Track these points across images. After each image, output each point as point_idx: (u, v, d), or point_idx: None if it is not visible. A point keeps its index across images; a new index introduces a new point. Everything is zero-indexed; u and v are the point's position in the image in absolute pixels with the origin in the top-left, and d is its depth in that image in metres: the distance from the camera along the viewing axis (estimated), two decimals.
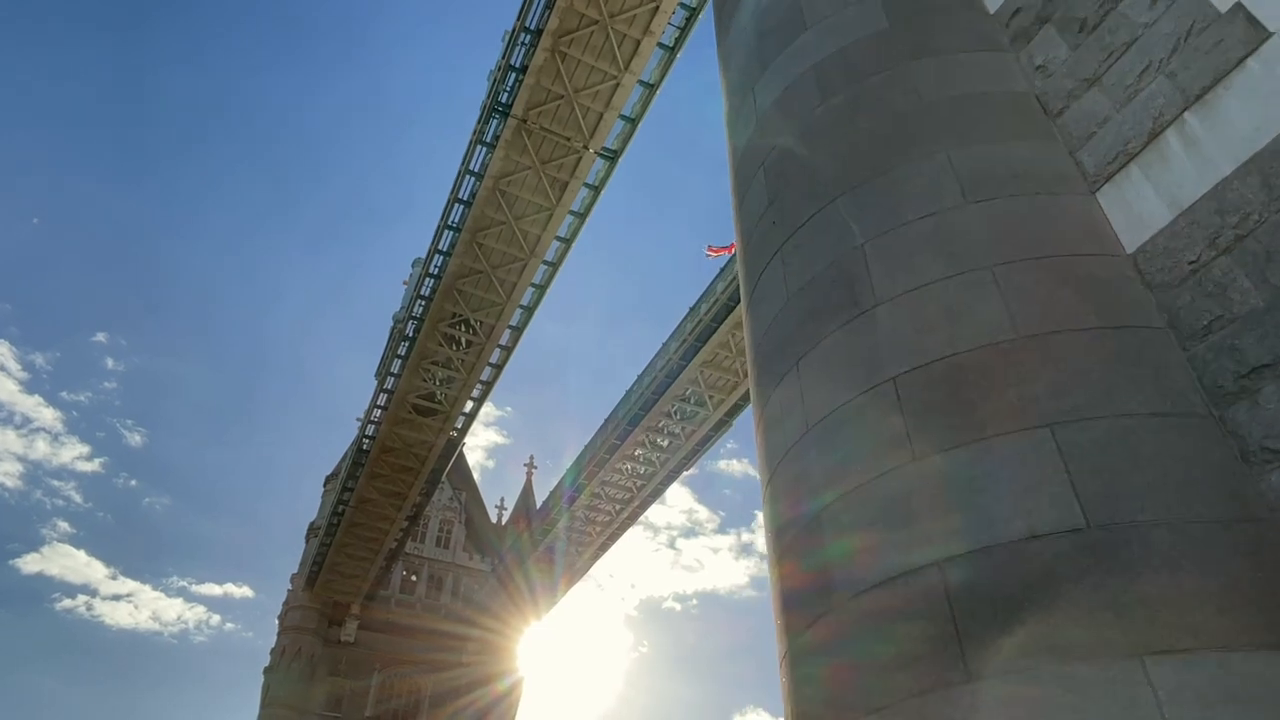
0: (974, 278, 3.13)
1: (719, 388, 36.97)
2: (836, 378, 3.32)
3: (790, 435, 3.49)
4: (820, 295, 3.63)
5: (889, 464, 2.93)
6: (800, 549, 3.17)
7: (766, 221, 4.26)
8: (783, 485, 3.46)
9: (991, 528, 2.59)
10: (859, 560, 2.86)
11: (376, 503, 44.29)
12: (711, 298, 33.34)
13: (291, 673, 48.82)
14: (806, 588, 3.07)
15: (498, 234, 30.48)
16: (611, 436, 40.42)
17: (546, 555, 53.82)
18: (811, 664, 2.90)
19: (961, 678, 2.39)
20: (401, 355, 35.59)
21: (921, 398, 2.99)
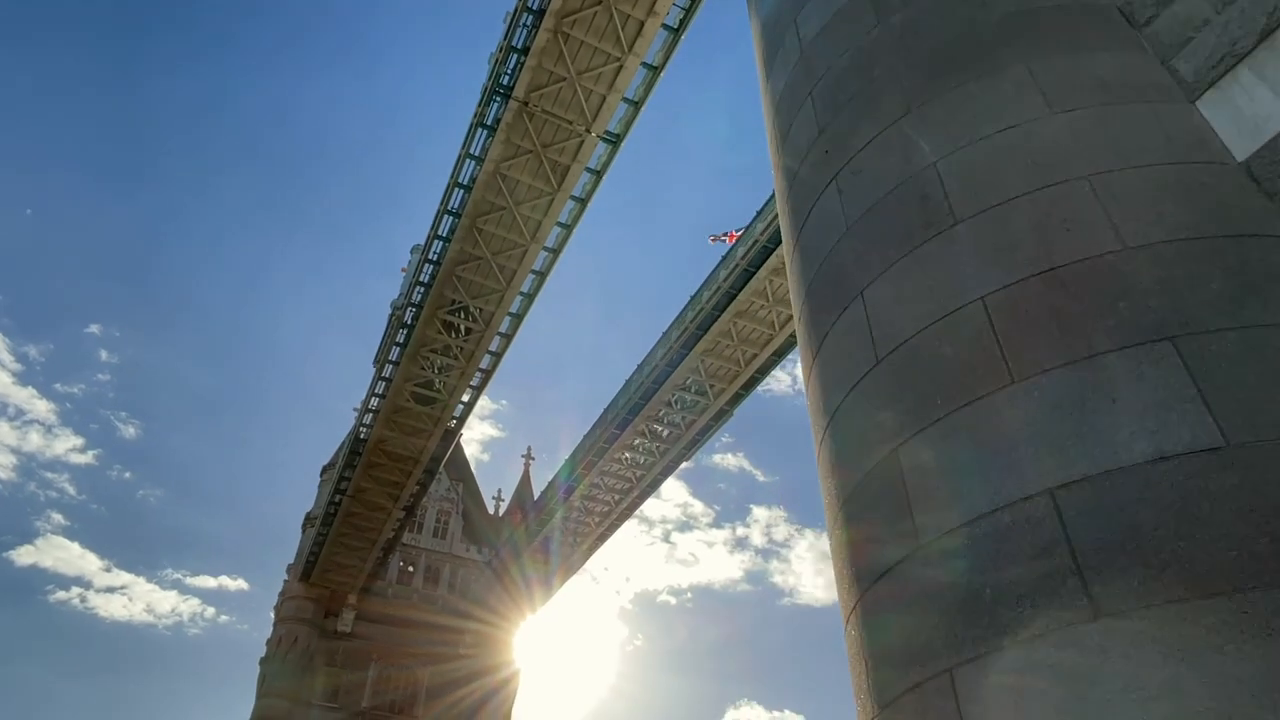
0: (1068, 188, 2.83)
1: (720, 377, 36.71)
2: (912, 304, 3.02)
3: (855, 371, 3.19)
4: (887, 220, 3.33)
5: (980, 390, 2.63)
6: (872, 491, 2.87)
7: (817, 152, 3.95)
8: (847, 424, 3.16)
9: (1111, 450, 2.30)
10: (948, 496, 2.56)
11: (373, 493, 43.98)
12: (714, 285, 33.05)
13: (288, 663, 48.56)
14: (882, 532, 2.77)
15: (498, 219, 30.13)
16: (611, 426, 40.14)
17: (543, 547, 53.62)
18: (891, 612, 2.61)
19: (1085, 614, 2.10)
20: (400, 343, 35.23)
21: (1017, 316, 2.69)
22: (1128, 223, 2.70)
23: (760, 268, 31.30)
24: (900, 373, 2.98)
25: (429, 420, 39.03)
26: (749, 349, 35.03)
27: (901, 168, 3.40)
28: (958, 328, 2.85)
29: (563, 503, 47.23)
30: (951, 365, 2.81)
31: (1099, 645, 2.06)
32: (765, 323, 33.83)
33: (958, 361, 2.79)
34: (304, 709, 47.83)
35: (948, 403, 2.74)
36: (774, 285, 32.20)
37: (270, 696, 47.47)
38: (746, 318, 33.72)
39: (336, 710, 48.72)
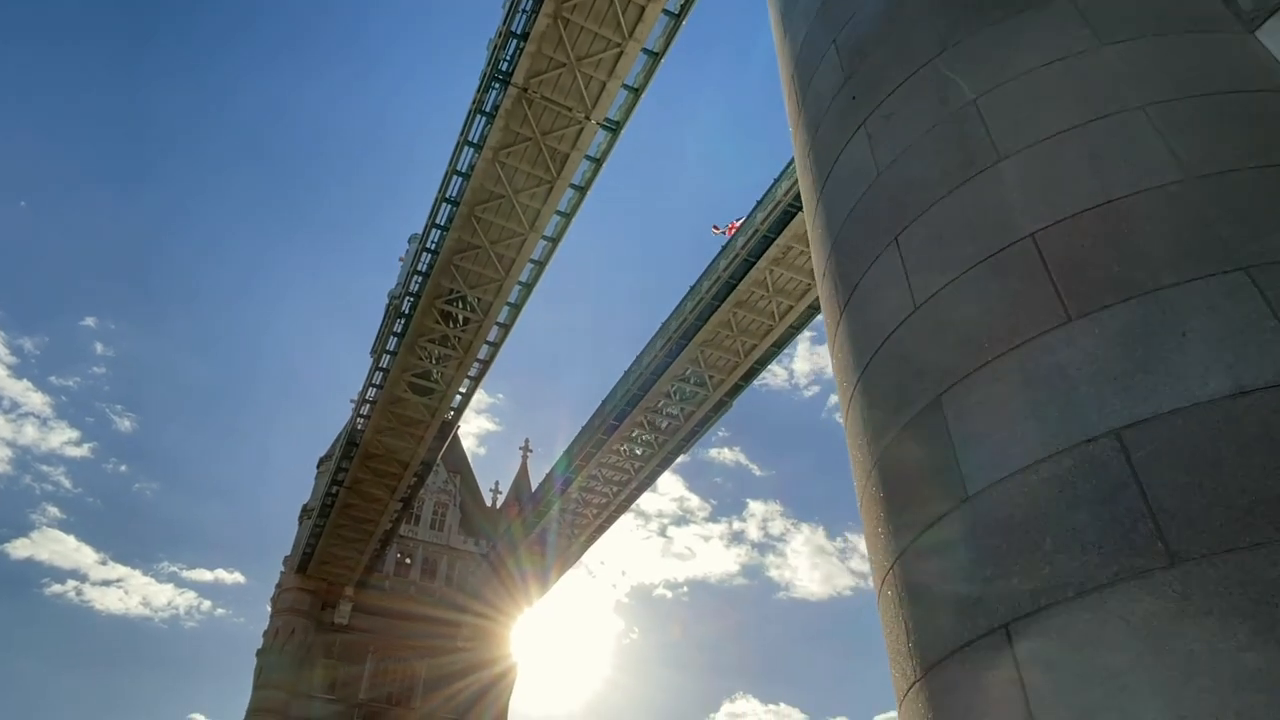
0: (1123, 118, 2.65)
1: (719, 368, 36.54)
2: (954, 245, 2.84)
3: (889, 320, 3.01)
4: (923, 161, 3.14)
5: (1034, 330, 2.45)
6: (912, 443, 2.69)
7: (843, 98, 3.76)
8: (882, 376, 2.98)
9: (1183, 387, 2.12)
10: (1000, 443, 2.38)
11: (370, 485, 43.78)
12: (713, 275, 32.86)
13: (285, 655, 48.40)
14: (924, 485, 2.59)
15: (496, 208, 29.89)
16: (609, 418, 39.96)
17: (540, 540, 53.49)
18: (936, 569, 2.43)
19: (1161, 560, 1.92)
20: (398, 333, 35.00)
21: (1072, 251, 2.51)
22: (1191, 152, 2.52)
23: (760, 258, 31.11)
24: (943, 317, 2.80)
25: (426, 411, 38.81)
26: (748, 340, 34.86)
27: (937, 108, 3.21)
28: (1006, 267, 2.67)
29: (560, 495, 47.08)
30: (1000, 306, 2.63)
31: (1178, 592, 1.88)
32: (765, 313, 33.65)
33: (1007, 301, 2.61)
34: (301, 701, 47.70)
35: (996, 345, 2.56)
36: (774, 275, 32.03)
37: (267, 688, 47.32)
38: (746, 308, 33.55)
39: (334, 702, 48.59)
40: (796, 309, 33.08)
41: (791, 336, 35.07)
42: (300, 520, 55.29)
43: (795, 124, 4.70)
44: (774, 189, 30.07)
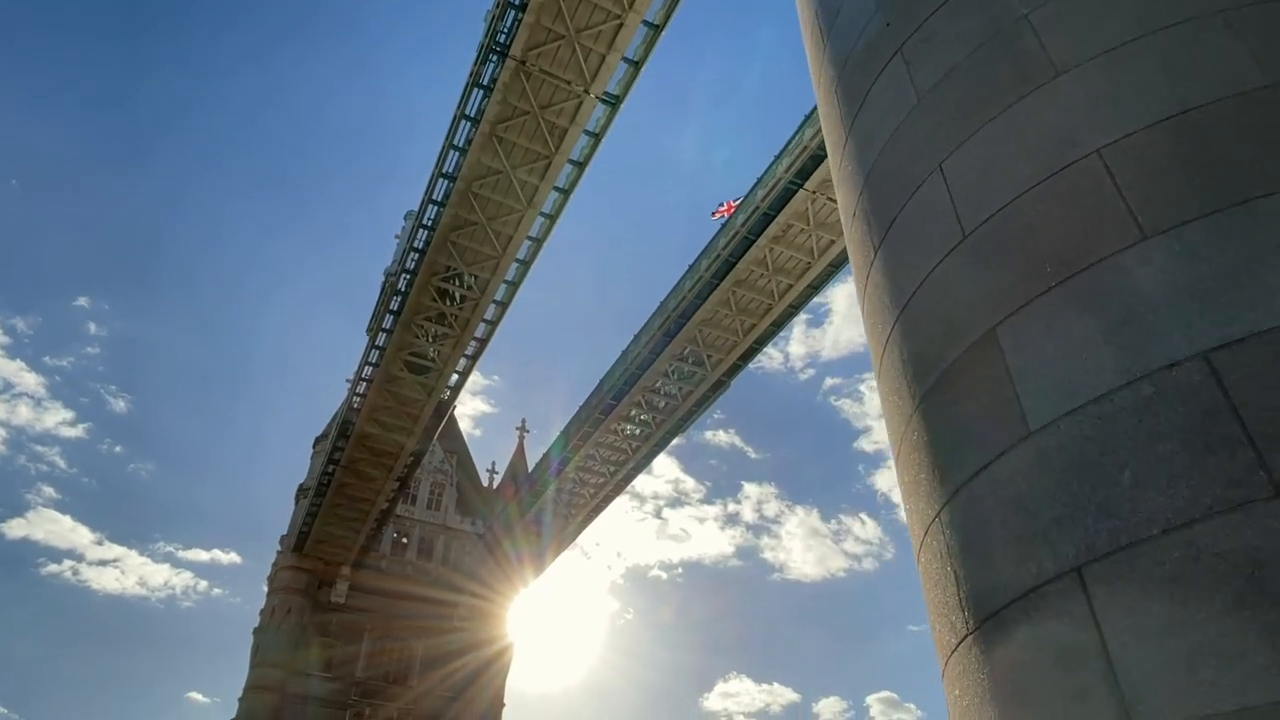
0: (1196, 24, 2.42)
1: (718, 347, 36.37)
2: (1007, 167, 2.61)
3: (934, 253, 2.79)
4: (969, 82, 2.90)
5: (1104, 250, 2.23)
6: (962, 380, 2.47)
7: (876, 27, 3.51)
8: (925, 313, 2.76)
9: None
10: (1067, 373, 2.17)
11: (366, 464, 43.62)
12: (712, 254, 32.59)
13: (281, 633, 48.42)
14: (977, 425, 2.39)
15: (494, 184, 29.53)
16: (607, 397, 39.80)
17: (536, 521, 53.50)
18: (993, 513, 2.23)
19: (1262, 491, 1.72)
20: (394, 310, 34.69)
21: (1144, 166, 2.28)
22: (1274, 56, 2.28)
23: (760, 235, 30.85)
24: (996, 244, 2.57)
25: (423, 390, 38.58)
26: (747, 319, 34.65)
27: (984, 25, 2.97)
28: (1068, 185, 2.44)
29: (556, 476, 47.00)
30: (1063, 227, 2.40)
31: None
32: (764, 292, 33.43)
33: (1071, 222, 2.39)
34: (299, 679, 47.78)
35: (1061, 269, 2.34)
36: (774, 254, 31.78)
37: (264, 666, 47.38)
38: (745, 287, 33.32)
39: (331, 680, 48.70)
40: (796, 288, 32.86)
41: (790, 316, 34.87)
42: (296, 500, 55.18)
43: (818, 63, 4.45)
44: (774, 166, 29.75)
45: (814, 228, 30.22)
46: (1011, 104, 2.72)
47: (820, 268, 31.88)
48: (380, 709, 49.13)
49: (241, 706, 46.52)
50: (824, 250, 31.22)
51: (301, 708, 46.99)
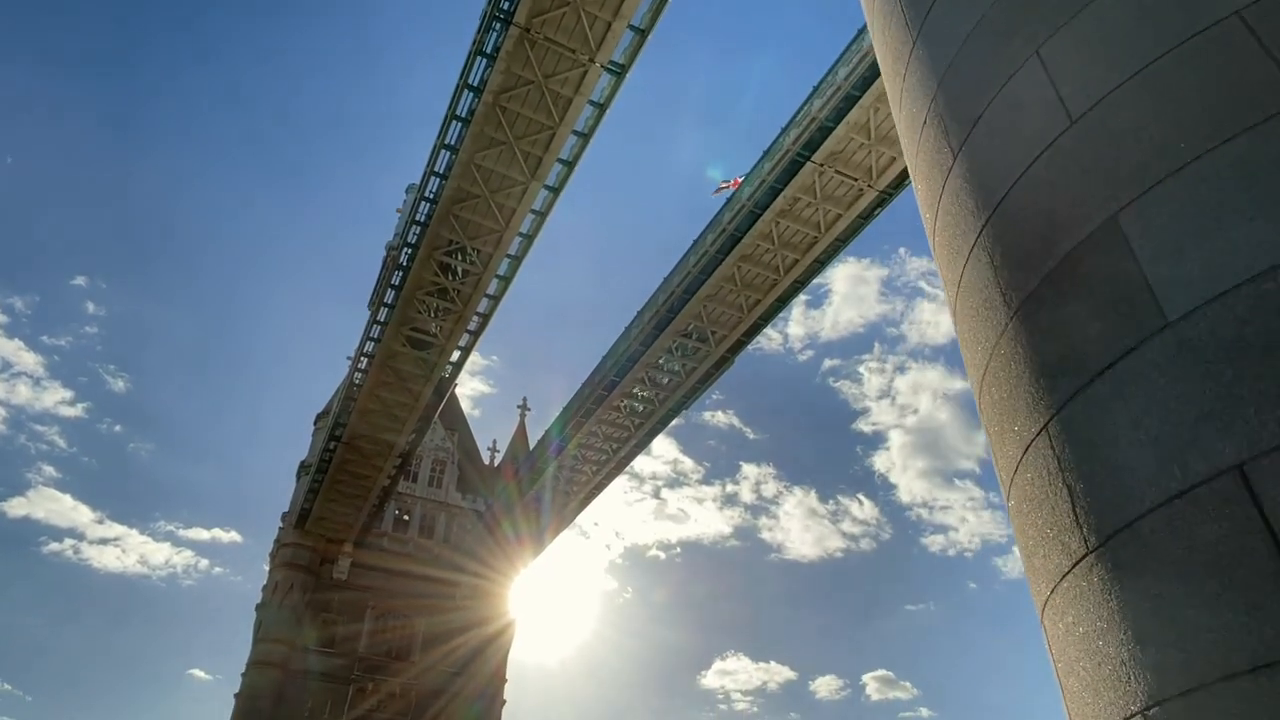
0: None
1: (722, 323, 36.08)
2: (1123, 43, 2.33)
3: (1032, 146, 2.52)
4: None
5: (1254, 116, 1.96)
6: (1076, 275, 2.22)
7: None
8: (1023, 213, 2.50)
9: None
10: (1216, 252, 1.92)
11: (368, 440, 43.45)
12: (718, 228, 32.24)
13: (284, 610, 48.48)
14: (1099, 318, 2.15)
15: (497, 155, 29.09)
16: (610, 373, 39.57)
17: (536, 499, 53.46)
18: (1123, 413, 1.98)
19: None
20: (395, 285, 34.35)
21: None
22: None
23: (766, 210, 30.47)
24: (1114, 125, 2.31)
25: (424, 366, 38.32)
26: (752, 294, 34.34)
27: None
28: (1203, 55, 2.17)
29: (558, 454, 46.89)
30: (1199, 98, 2.13)
31: None
32: (770, 267, 33.10)
33: (1209, 91, 2.12)
34: (301, 654, 47.90)
35: (1198, 142, 2.07)
36: (780, 228, 31.41)
37: (267, 642, 47.47)
38: (750, 262, 32.98)
39: (334, 656, 48.83)
40: (802, 263, 32.52)
41: (796, 292, 34.56)
42: (298, 477, 55.10)
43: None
44: (781, 139, 29.32)
45: (821, 201, 29.84)
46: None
47: (826, 243, 31.53)
48: (383, 684, 49.31)
49: (245, 682, 46.67)
50: (830, 224, 30.86)
51: (304, 683, 47.14)
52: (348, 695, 48.02)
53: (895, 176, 29.09)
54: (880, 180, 29.04)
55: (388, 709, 48.93)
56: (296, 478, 55.72)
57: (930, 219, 3.36)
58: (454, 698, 51.04)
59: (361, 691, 48.57)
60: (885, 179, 29.03)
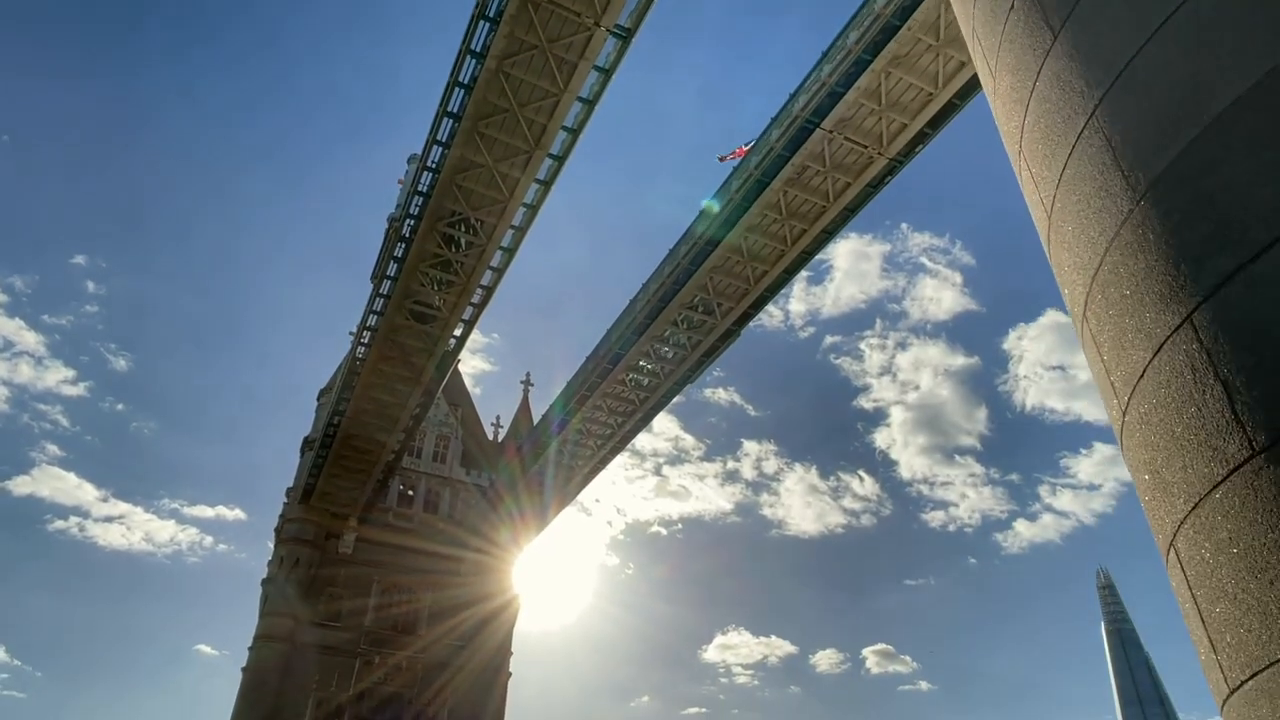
0: None
1: (728, 295, 35.70)
2: None
3: (1160, 9, 2.18)
4: None
5: None
6: (1237, 132, 1.91)
7: None
8: (1160, 73, 2.18)
9: None
10: None
11: (372, 414, 43.28)
12: (725, 197, 31.76)
13: (290, 584, 48.58)
14: (1267, 184, 1.81)
15: (500, 123, 28.58)
16: (615, 347, 39.26)
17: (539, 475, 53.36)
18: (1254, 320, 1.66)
19: None
20: (398, 258, 33.96)
21: None
22: None
23: (775, 178, 29.98)
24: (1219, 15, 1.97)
25: (428, 339, 38.03)
26: (759, 265, 33.93)
27: None
28: None
29: (561, 430, 46.68)
30: None
31: None
32: (777, 238, 32.66)
33: None
34: (308, 628, 48.06)
35: None
36: (788, 198, 30.95)
37: (274, 616, 47.63)
38: (758, 232, 32.54)
39: (340, 630, 49.01)
40: (810, 233, 32.08)
41: (804, 263, 34.11)
42: (302, 452, 55.01)
43: None
44: (790, 105, 28.77)
45: (830, 169, 29.34)
46: None
47: (835, 212, 31.05)
48: (389, 657, 49.53)
49: (251, 656, 46.86)
50: (839, 193, 30.38)
51: (311, 656, 47.35)
52: (354, 668, 48.26)
53: (906, 143, 28.59)
54: (891, 147, 28.52)
55: (394, 681, 49.19)
56: (300, 453, 55.64)
57: (1017, 118, 3.03)
58: (459, 671, 51.30)
59: (368, 664, 48.80)
60: (896, 146, 28.51)
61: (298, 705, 45.95)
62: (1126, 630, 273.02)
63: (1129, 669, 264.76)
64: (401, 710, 48.85)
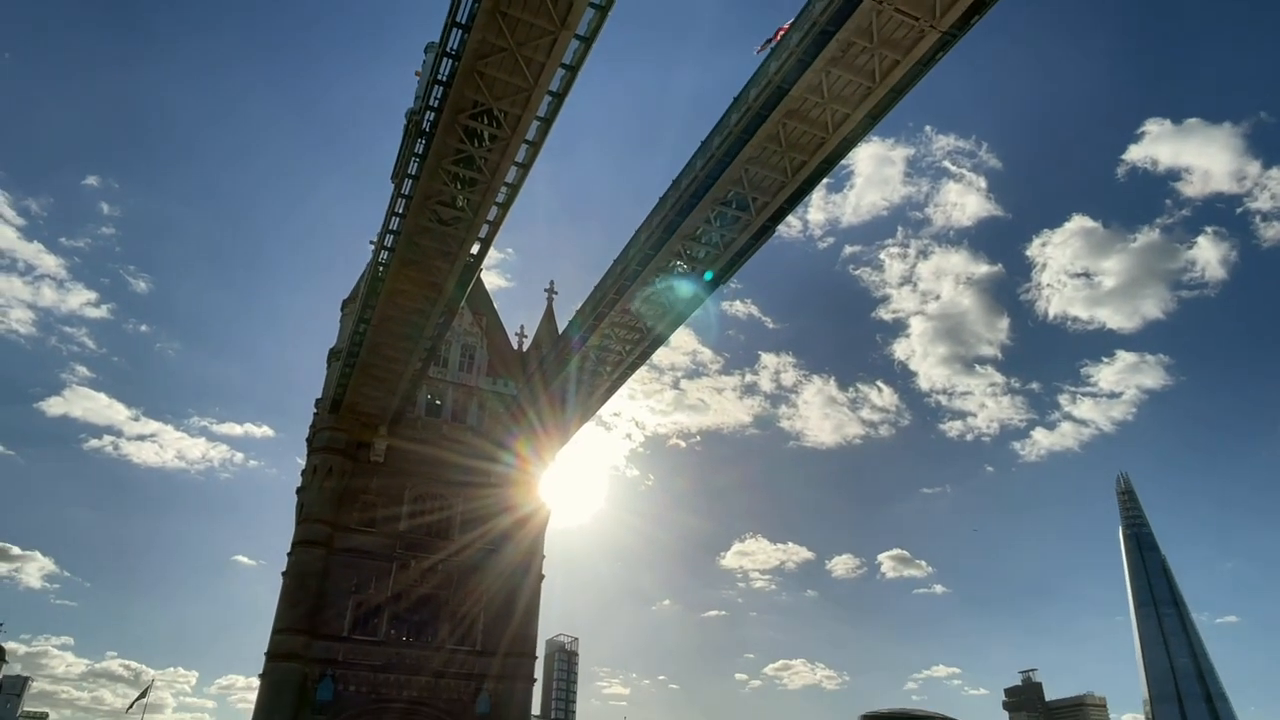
0: None
1: (764, 189, 34.19)
2: None
3: None
4: None
5: None
6: None
7: None
8: None
9: None
10: None
11: (398, 322, 42.75)
12: (762, 80, 29.87)
13: (324, 491, 49.28)
14: None
15: (523, 1, 26.64)
16: (645, 247, 38.05)
17: (563, 385, 53.03)
18: None
19: None
20: (419, 154, 32.56)
21: None
22: None
23: (816, 58, 27.99)
24: None
25: (453, 242, 36.95)
26: (798, 155, 32.26)
27: None
28: None
29: (588, 336, 45.92)
30: None
31: None
32: (818, 124, 30.89)
33: None
34: (344, 534, 48.96)
35: None
36: (830, 79, 29.04)
37: (310, 522, 48.46)
38: (797, 119, 30.78)
39: (375, 535, 49.88)
40: (853, 118, 30.25)
41: (845, 151, 32.30)
42: (329, 363, 54.97)
43: None
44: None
45: (878, 45, 27.29)
46: None
47: (881, 93, 29.12)
48: (424, 560, 50.53)
49: (291, 561, 47.88)
50: (886, 72, 28.40)
51: (348, 560, 48.36)
52: (390, 571, 49.33)
53: (960, 15, 26.44)
54: (944, 19, 26.39)
55: (429, 583, 50.34)
56: (327, 364, 55.59)
57: None
58: (493, 573, 52.37)
59: (404, 568, 49.85)
60: (950, 18, 26.37)
61: (338, 606, 47.21)
62: (1144, 534, 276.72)
63: (1145, 571, 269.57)
64: (439, 610, 50.15)
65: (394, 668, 47.47)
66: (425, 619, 49.82)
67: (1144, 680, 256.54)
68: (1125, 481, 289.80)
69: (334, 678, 45.54)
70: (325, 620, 46.71)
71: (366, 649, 47.16)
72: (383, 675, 47.03)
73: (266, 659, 45.38)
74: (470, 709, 48.63)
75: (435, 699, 48.13)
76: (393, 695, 47.09)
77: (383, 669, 47.10)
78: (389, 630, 48.33)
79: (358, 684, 46.30)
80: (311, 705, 44.65)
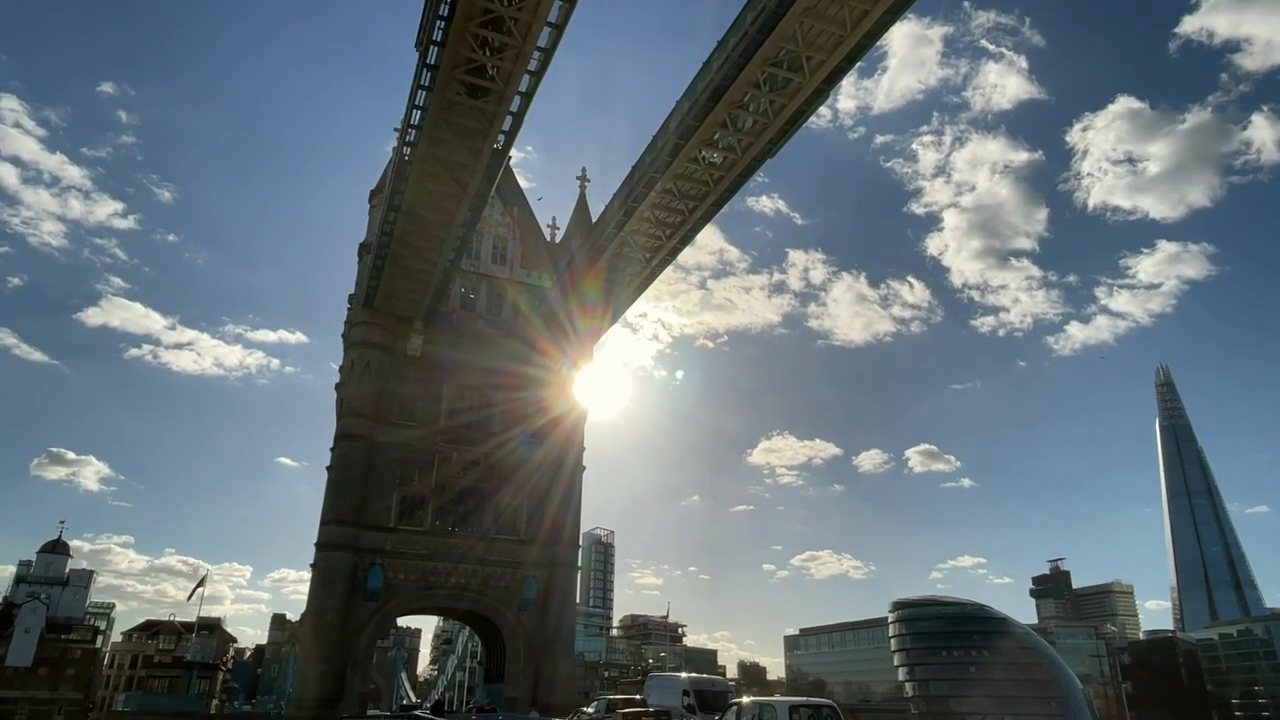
0: None
1: (819, 46, 31.17)
2: None
3: None
4: None
5: None
6: None
7: None
8: None
9: None
10: None
11: (428, 208, 40.94)
12: None
13: (363, 385, 48.91)
14: None
15: None
16: (688, 118, 35.43)
17: (598, 276, 51.28)
18: None
19: None
20: (444, 16, 29.85)
21: None
22: None
23: None
24: None
25: (483, 118, 34.63)
26: (859, 5, 29.12)
27: None
28: None
29: (627, 221, 43.84)
30: None
31: None
32: None
33: None
34: (384, 428, 48.85)
35: None
36: None
37: (351, 417, 48.33)
38: None
39: (416, 428, 49.73)
40: None
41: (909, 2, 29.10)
42: (360, 257, 53.69)
43: None
44: None
45: None
46: None
47: None
48: (466, 453, 50.50)
49: (334, 455, 48.05)
50: None
51: (391, 453, 48.43)
52: (433, 463, 49.43)
53: None
54: None
55: (470, 475, 50.50)
56: (358, 259, 54.32)
57: None
58: (532, 464, 52.34)
59: (445, 461, 49.94)
60: None
61: (383, 498, 47.57)
62: (1181, 425, 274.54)
63: (1180, 462, 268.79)
64: (482, 501, 50.45)
65: (440, 555, 48.20)
66: (469, 510, 50.22)
67: (1173, 568, 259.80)
68: (1165, 373, 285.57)
69: (383, 566, 46.32)
70: (372, 512, 47.20)
71: (413, 538, 47.78)
72: (430, 563, 47.82)
73: (316, 549, 46.14)
74: (516, 595, 49.53)
75: (483, 586, 49.01)
76: (440, 582, 48.01)
77: (429, 557, 47.84)
78: (434, 521, 48.84)
79: (406, 572, 47.15)
80: (363, 592, 45.63)
